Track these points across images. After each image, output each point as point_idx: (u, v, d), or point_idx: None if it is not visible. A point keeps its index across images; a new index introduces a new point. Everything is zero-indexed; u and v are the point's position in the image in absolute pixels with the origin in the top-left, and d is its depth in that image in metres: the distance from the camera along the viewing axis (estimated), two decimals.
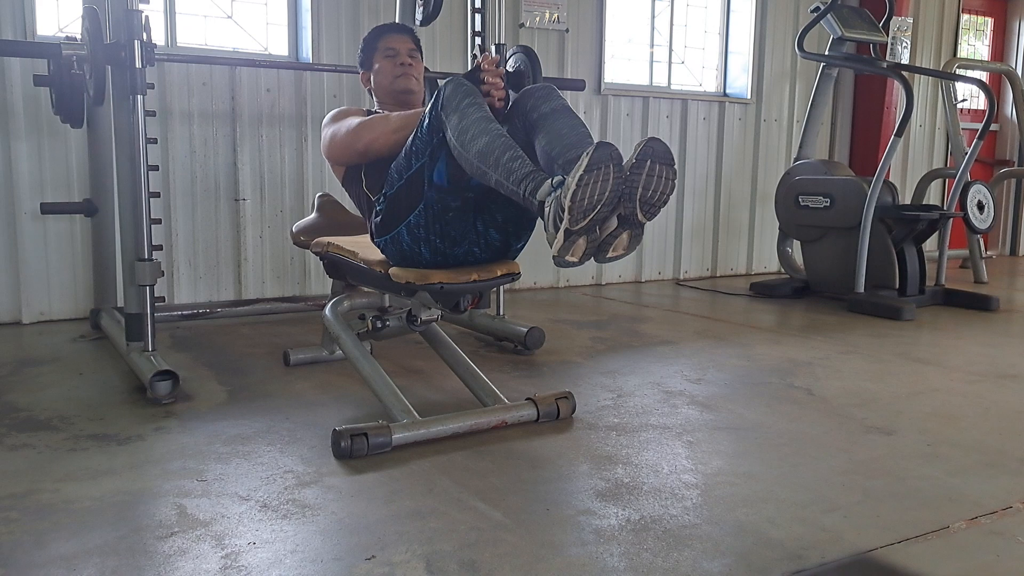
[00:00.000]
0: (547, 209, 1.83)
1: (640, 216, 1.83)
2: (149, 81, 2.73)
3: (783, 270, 5.30)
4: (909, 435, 2.35)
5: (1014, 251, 7.29)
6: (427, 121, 2.13)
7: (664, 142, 1.81)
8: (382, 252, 2.32)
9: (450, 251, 2.22)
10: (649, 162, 1.79)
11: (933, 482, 2.00)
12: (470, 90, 2.09)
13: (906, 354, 3.40)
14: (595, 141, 1.92)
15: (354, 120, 2.43)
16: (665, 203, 1.85)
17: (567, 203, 1.75)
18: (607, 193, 1.77)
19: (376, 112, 2.57)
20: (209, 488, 1.89)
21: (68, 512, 1.75)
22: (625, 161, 1.80)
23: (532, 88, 2.23)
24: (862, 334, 3.80)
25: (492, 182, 1.97)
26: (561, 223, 1.78)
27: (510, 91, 3.17)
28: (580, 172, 1.74)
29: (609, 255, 1.89)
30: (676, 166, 1.84)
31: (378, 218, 2.28)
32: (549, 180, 1.86)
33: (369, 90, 2.70)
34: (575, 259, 1.84)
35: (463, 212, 2.17)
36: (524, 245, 2.35)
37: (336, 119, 2.50)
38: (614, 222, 1.84)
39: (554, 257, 1.84)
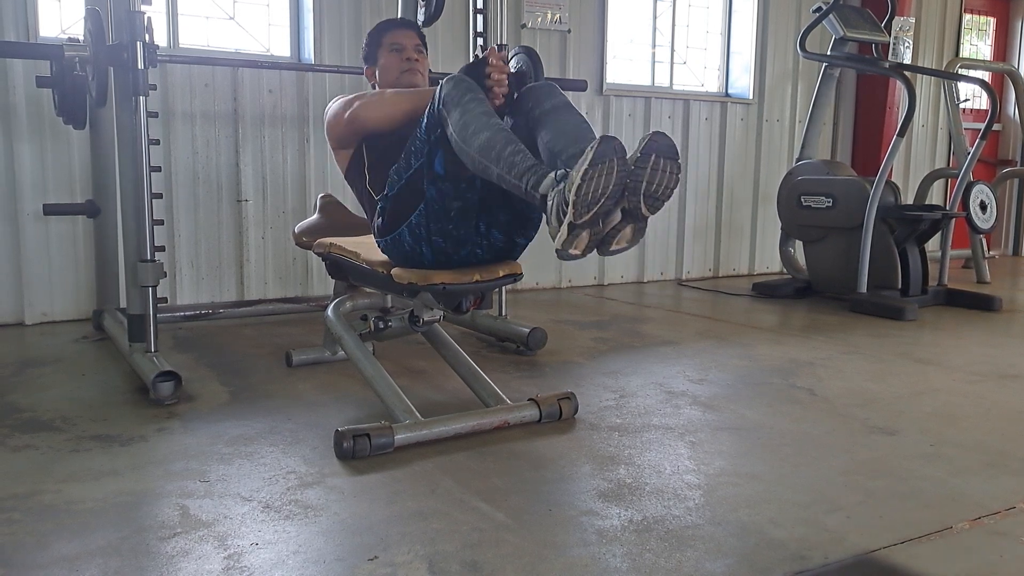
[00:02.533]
0: (550, 203, 1.83)
1: (644, 210, 1.83)
2: (151, 82, 2.73)
3: (785, 270, 5.30)
4: (911, 435, 2.35)
5: (1016, 251, 7.28)
6: (425, 121, 2.13)
7: (668, 136, 1.81)
8: (384, 253, 2.32)
9: (453, 252, 2.22)
10: (654, 156, 1.79)
11: (935, 482, 2.00)
12: (471, 86, 2.09)
13: (908, 354, 3.40)
14: (598, 136, 1.92)
15: (356, 98, 2.45)
16: (669, 197, 1.85)
17: (571, 197, 1.75)
18: (611, 187, 1.77)
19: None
20: (212, 489, 1.89)
21: (71, 513, 1.75)
22: (629, 155, 1.80)
23: (534, 86, 2.23)
24: (864, 334, 3.80)
25: (494, 177, 1.97)
26: (565, 217, 1.78)
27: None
28: (584, 166, 1.74)
29: (612, 248, 1.88)
30: (680, 160, 1.84)
31: (380, 219, 2.28)
32: (552, 174, 1.86)
33: (373, 85, 2.68)
34: (578, 252, 1.84)
35: (465, 212, 2.17)
36: (527, 244, 2.35)
37: (337, 101, 2.52)
38: (618, 215, 1.84)
39: (557, 250, 1.85)
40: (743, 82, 5.78)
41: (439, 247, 2.20)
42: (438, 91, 2.10)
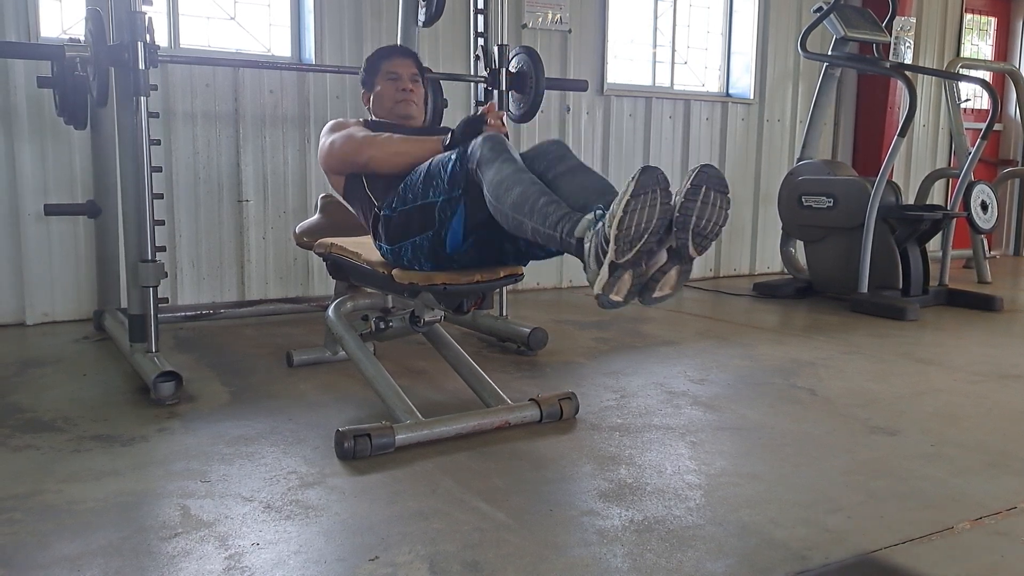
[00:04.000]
0: (587, 245, 1.73)
1: (692, 250, 1.70)
2: (152, 82, 2.73)
3: (786, 270, 5.30)
4: (912, 435, 2.35)
5: (1017, 251, 7.27)
6: (452, 170, 2.10)
7: (718, 168, 1.69)
8: (383, 256, 2.33)
9: (455, 264, 2.23)
10: (704, 188, 1.67)
11: (936, 483, 2.00)
12: (503, 144, 2.04)
13: (909, 354, 3.40)
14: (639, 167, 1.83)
15: (358, 132, 2.45)
16: (718, 235, 1.71)
17: (613, 232, 1.63)
18: (655, 220, 1.65)
19: (373, 121, 2.60)
20: (213, 489, 1.90)
21: (72, 513, 1.75)
22: (678, 188, 1.70)
23: (543, 148, 2.15)
24: (865, 334, 3.79)
25: (529, 232, 1.88)
26: (605, 257, 1.67)
27: (511, 92, 3.18)
28: (627, 198, 1.63)
29: (656, 294, 1.75)
30: (730, 194, 1.73)
31: (381, 227, 2.28)
32: (590, 214, 1.75)
33: (368, 109, 2.72)
34: (619, 298, 1.72)
35: (478, 248, 2.18)
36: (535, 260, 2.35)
37: (335, 129, 2.53)
38: (663, 256, 1.72)
39: (597, 296, 1.73)
40: (744, 82, 5.78)
41: (441, 261, 2.22)
42: (472, 150, 2.06)
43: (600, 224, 1.71)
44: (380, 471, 2.02)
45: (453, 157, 2.12)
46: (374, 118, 2.67)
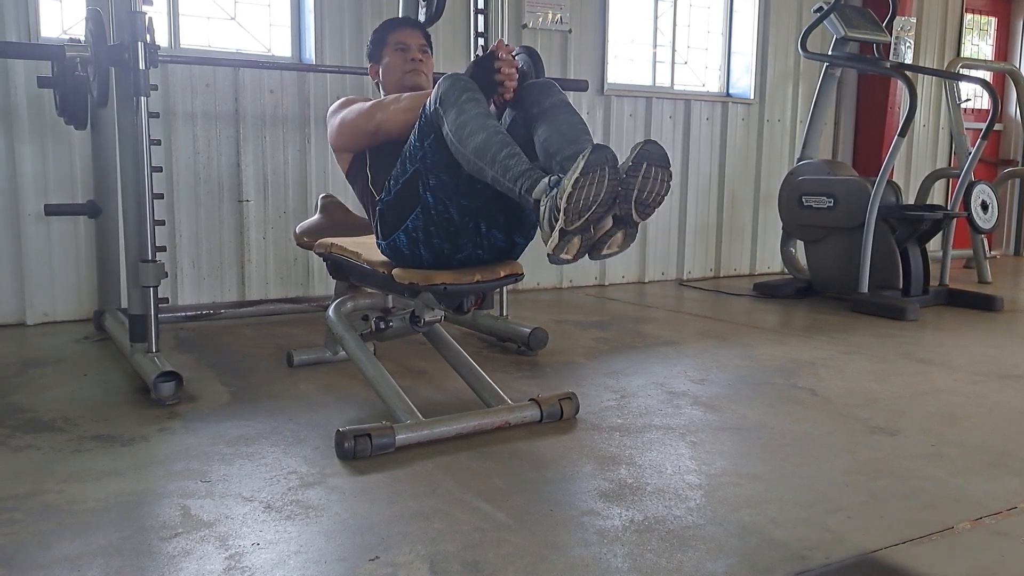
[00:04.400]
0: (542, 208, 1.85)
1: (635, 216, 1.86)
2: (153, 83, 2.73)
3: (786, 270, 5.30)
4: (913, 435, 2.35)
5: (1018, 251, 7.28)
6: (420, 123, 2.13)
7: (660, 145, 1.83)
8: (384, 255, 2.32)
9: (452, 253, 2.22)
10: (645, 164, 1.81)
11: (937, 482, 2.00)
12: (468, 85, 2.09)
13: (910, 354, 3.39)
14: (593, 142, 1.93)
15: (364, 104, 2.44)
16: (660, 204, 1.88)
17: (563, 204, 1.77)
18: (602, 195, 1.79)
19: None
20: (213, 489, 1.90)
21: (72, 513, 1.75)
22: (621, 163, 1.82)
23: (533, 83, 2.23)
24: (865, 334, 3.79)
25: (488, 179, 1.99)
26: (556, 223, 1.80)
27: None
28: (576, 175, 1.76)
29: (604, 252, 1.91)
30: (672, 168, 1.86)
31: (378, 222, 2.28)
32: (545, 179, 1.87)
33: (377, 83, 2.67)
34: (569, 257, 1.86)
35: (462, 215, 2.17)
36: (527, 243, 2.35)
37: (343, 106, 2.51)
38: (609, 222, 1.86)
39: (549, 255, 1.87)
40: (744, 82, 5.78)
41: (437, 249, 2.21)
42: (435, 89, 2.10)
43: (554, 191, 1.82)
44: (380, 471, 2.02)
45: (424, 106, 2.13)
46: (383, 93, 2.63)
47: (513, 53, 2.29)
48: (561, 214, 1.78)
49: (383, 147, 2.38)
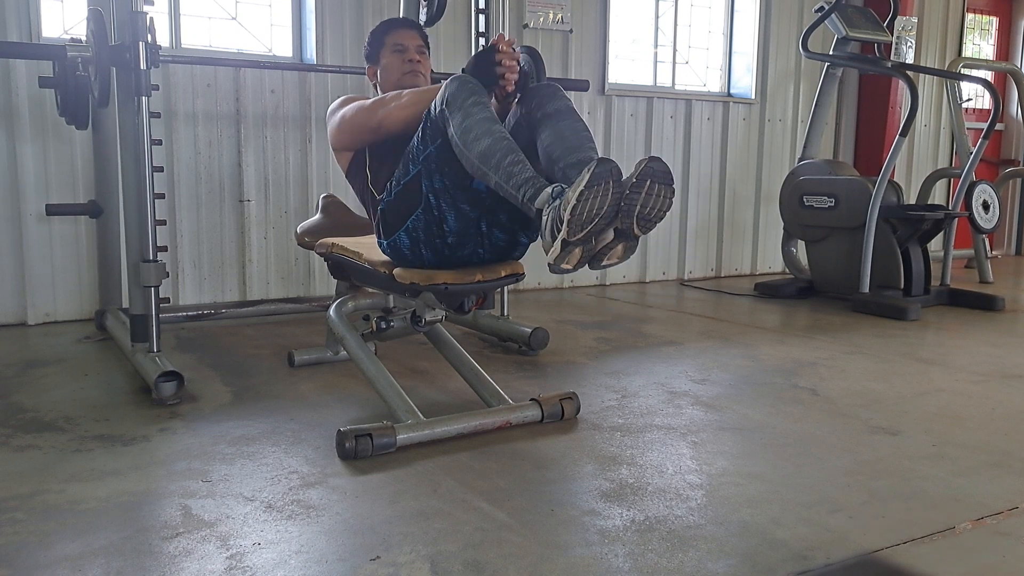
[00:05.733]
0: (545, 218, 1.86)
1: (636, 231, 1.86)
2: (154, 83, 2.73)
3: (787, 270, 5.30)
4: (914, 435, 2.35)
5: (1019, 251, 7.27)
6: (424, 125, 2.12)
7: (665, 162, 1.84)
8: (385, 255, 2.32)
9: (453, 252, 2.22)
10: (649, 181, 1.82)
11: (938, 483, 2.00)
12: (476, 88, 2.09)
13: (911, 354, 3.39)
14: (596, 150, 1.97)
15: (365, 101, 2.44)
16: (662, 219, 1.89)
17: (566, 216, 1.78)
18: (605, 208, 1.80)
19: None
20: (214, 489, 1.90)
21: (73, 513, 1.75)
22: (625, 178, 1.83)
23: (538, 86, 2.23)
24: (867, 334, 3.79)
25: (492, 184, 1.99)
26: (559, 233, 1.81)
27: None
28: (581, 187, 1.76)
29: (604, 263, 1.92)
30: (675, 185, 1.88)
31: (380, 221, 2.28)
32: (549, 189, 1.88)
33: (375, 84, 2.67)
34: (570, 267, 1.88)
35: (464, 217, 2.18)
36: (529, 243, 2.35)
37: (343, 104, 2.51)
38: (610, 234, 1.87)
39: (549, 264, 1.88)
40: (745, 82, 5.78)
41: (439, 248, 2.21)
42: (442, 91, 2.10)
43: (557, 203, 1.83)
44: (381, 471, 2.02)
45: (430, 107, 2.12)
46: (380, 93, 2.62)
47: (513, 47, 2.28)
48: (564, 225, 1.79)
49: (383, 146, 2.38)
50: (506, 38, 2.23)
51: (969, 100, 6.71)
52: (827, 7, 4.61)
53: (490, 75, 2.17)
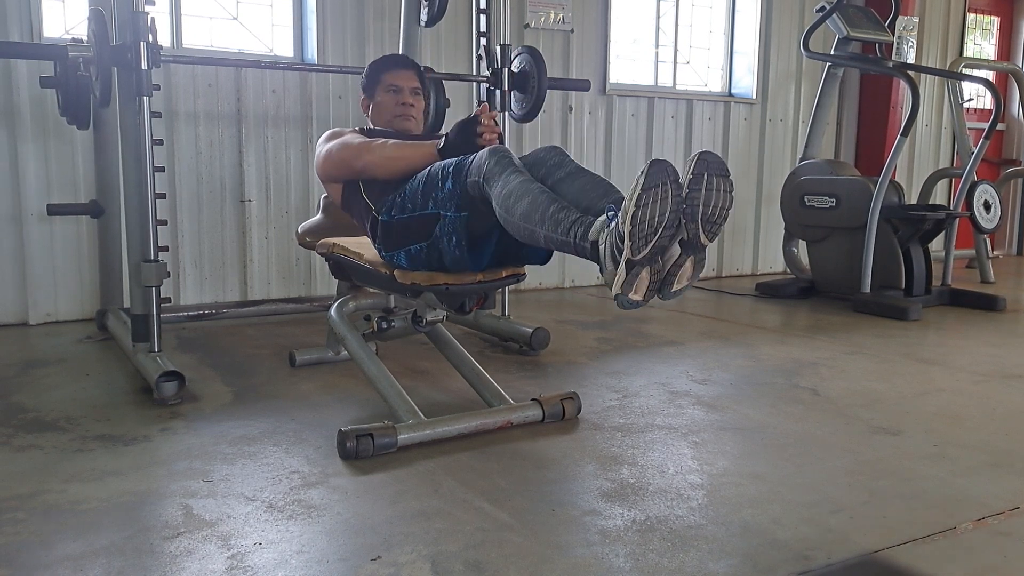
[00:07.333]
0: (603, 247, 1.73)
1: (703, 238, 1.73)
2: (155, 82, 2.73)
3: (788, 270, 5.29)
4: (915, 436, 2.35)
5: (1020, 251, 7.27)
6: (458, 189, 2.09)
7: (716, 154, 1.71)
8: (382, 259, 2.33)
9: (452, 269, 2.24)
10: (706, 175, 1.68)
11: (940, 483, 1.99)
12: (507, 155, 2.04)
13: (912, 354, 3.39)
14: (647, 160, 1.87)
15: (354, 139, 2.45)
16: (726, 220, 1.73)
17: (627, 228, 1.64)
18: (667, 213, 1.66)
19: (370, 129, 2.60)
20: (215, 489, 1.90)
21: (74, 513, 1.75)
22: (680, 178, 1.71)
23: (541, 155, 2.14)
24: (868, 334, 3.79)
25: (542, 240, 1.89)
26: (621, 255, 1.68)
27: (513, 92, 3.16)
28: (638, 192, 1.63)
29: (674, 288, 1.77)
30: (731, 176, 1.74)
31: (378, 232, 2.28)
32: (602, 216, 1.76)
33: (367, 116, 2.71)
34: (639, 297, 1.72)
35: (470, 252, 2.17)
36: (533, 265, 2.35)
37: (330, 139, 2.53)
38: (676, 249, 1.73)
39: (616, 296, 1.72)
40: (746, 82, 5.78)
41: (438, 267, 2.22)
42: (475, 161, 2.06)
43: (614, 223, 1.71)
44: (382, 471, 2.02)
45: (451, 171, 2.12)
46: (371, 126, 2.67)
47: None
48: (627, 240, 1.65)
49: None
50: (491, 112, 2.27)
51: (970, 100, 6.70)
52: (828, 7, 4.61)
53: (471, 146, 2.20)
